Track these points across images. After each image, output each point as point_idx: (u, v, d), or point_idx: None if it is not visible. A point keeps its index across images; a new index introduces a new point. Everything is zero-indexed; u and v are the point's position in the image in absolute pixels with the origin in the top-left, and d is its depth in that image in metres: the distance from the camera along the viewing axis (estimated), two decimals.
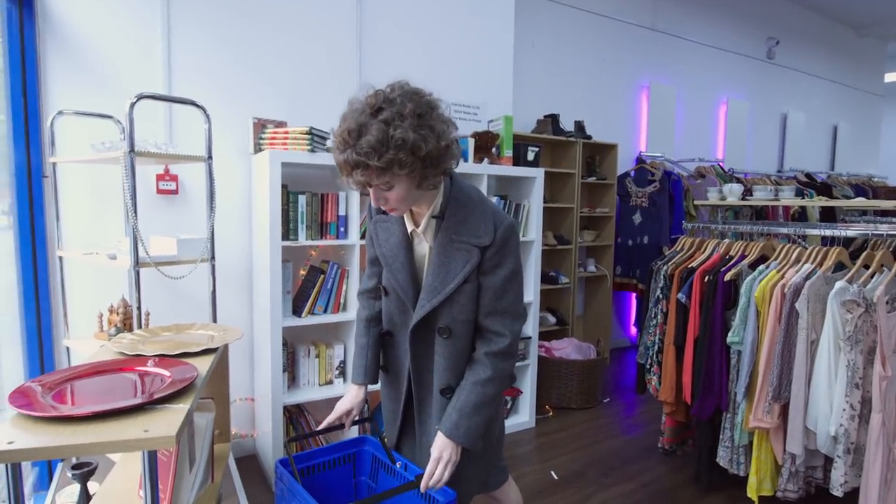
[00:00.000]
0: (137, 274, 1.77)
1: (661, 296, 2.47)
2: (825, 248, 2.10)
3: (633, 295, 4.73)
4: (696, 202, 3.78)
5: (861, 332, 1.82)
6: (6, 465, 0.84)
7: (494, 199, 2.88)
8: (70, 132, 2.23)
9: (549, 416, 3.24)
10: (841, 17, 6.64)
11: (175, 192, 2.45)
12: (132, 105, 1.74)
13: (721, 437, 2.24)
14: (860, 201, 2.65)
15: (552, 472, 2.56)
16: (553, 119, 3.93)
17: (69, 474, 1.78)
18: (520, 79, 3.92)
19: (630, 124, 4.77)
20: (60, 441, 0.85)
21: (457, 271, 1.23)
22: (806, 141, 6.48)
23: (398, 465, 1.42)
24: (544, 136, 3.83)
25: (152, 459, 0.89)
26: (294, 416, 2.51)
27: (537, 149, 3.07)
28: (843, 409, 1.84)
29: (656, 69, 4.87)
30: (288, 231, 2.37)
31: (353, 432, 2.51)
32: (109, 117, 2.21)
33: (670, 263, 2.48)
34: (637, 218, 4.26)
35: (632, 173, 4.36)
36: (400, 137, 1.06)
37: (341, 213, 2.46)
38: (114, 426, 0.90)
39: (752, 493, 2.13)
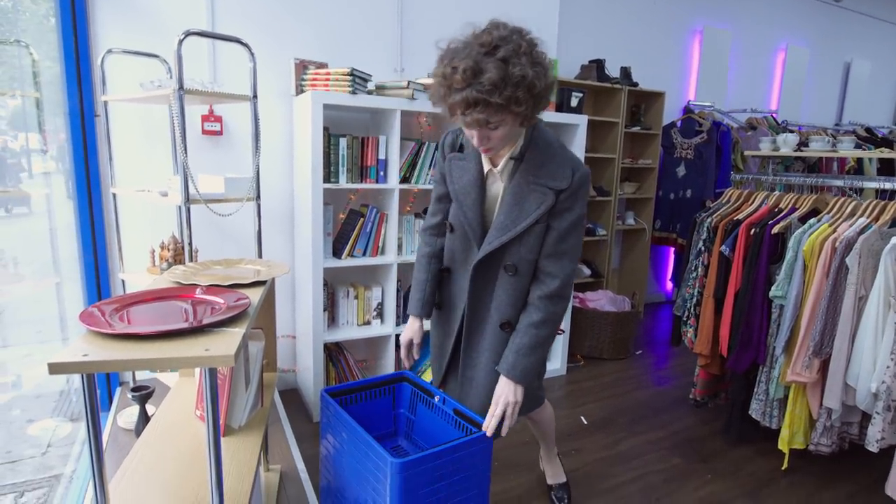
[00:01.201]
0: (188, 210, 1.83)
1: (703, 248, 2.42)
2: (882, 202, 2.01)
3: (672, 250, 4.65)
4: (746, 153, 3.62)
5: None
6: (82, 376, 0.92)
7: None
8: (119, 72, 2.27)
9: (580, 366, 3.28)
10: None
11: (219, 132, 2.49)
12: (180, 42, 1.75)
13: (755, 390, 2.24)
14: None
15: (582, 418, 2.61)
16: (598, 64, 3.78)
17: (129, 395, 1.92)
18: (565, 22, 3.75)
19: (679, 72, 4.55)
20: (129, 356, 0.91)
21: (530, 211, 1.28)
22: (869, 92, 6.07)
23: (437, 399, 1.48)
24: (588, 83, 3.69)
25: (213, 377, 0.95)
26: (334, 353, 2.61)
27: (581, 94, 2.97)
28: (888, 367, 1.80)
29: (711, 12, 4.58)
30: (329, 174, 2.39)
31: (389, 365, 2.60)
32: (156, 56, 2.24)
33: (715, 215, 2.41)
34: (681, 170, 4.13)
35: (678, 123, 4.20)
36: (519, 74, 1.10)
37: (381, 157, 2.47)
38: (177, 345, 0.96)
39: (783, 445, 2.14)
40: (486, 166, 1.34)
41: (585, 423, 2.57)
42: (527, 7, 3.17)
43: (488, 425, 1.30)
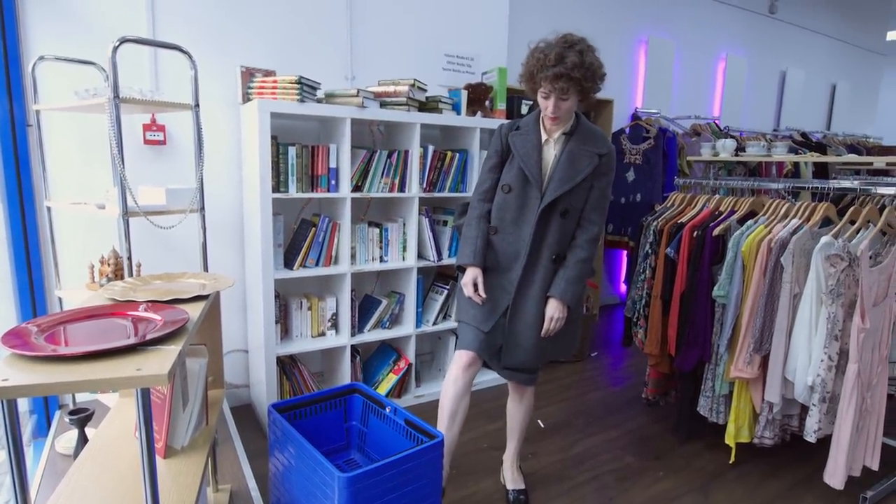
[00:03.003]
0: (126, 223, 1.76)
1: (650, 251, 2.50)
2: (813, 204, 2.12)
3: (625, 252, 4.77)
4: (689, 158, 3.77)
5: (843, 286, 1.86)
6: (2, 403, 0.86)
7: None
8: (54, 80, 2.17)
9: None
10: None
11: (163, 142, 2.41)
12: (115, 49, 1.69)
13: (702, 387, 2.31)
14: (851, 157, 2.65)
15: (539, 422, 2.64)
16: None
17: (67, 420, 1.82)
18: (516, 31, 3.81)
19: (627, 80, 4.69)
20: (54, 378, 0.86)
21: (582, 168, 1.70)
22: (803, 99, 6.41)
23: (388, 410, 1.47)
24: None
25: (146, 397, 0.92)
26: (287, 366, 2.56)
27: (531, 102, 3.02)
28: (822, 360, 1.90)
29: (656, 23, 4.75)
30: (278, 183, 2.35)
31: (345, 377, 2.57)
32: (92, 63, 2.15)
33: (660, 219, 2.49)
34: (630, 175, 4.25)
35: (627, 130, 4.33)
36: (590, 62, 1.60)
37: (332, 165, 2.44)
38: (107, 365, 0.92)
39: (729, 440, 2.22)
40: (544, 137, 1.74)
41: (542, 426, 2.60)
42: (477, 16, 3.21)
43: (547, 331, 1.75)
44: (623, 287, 4.97)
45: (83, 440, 1.83)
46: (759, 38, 5.74)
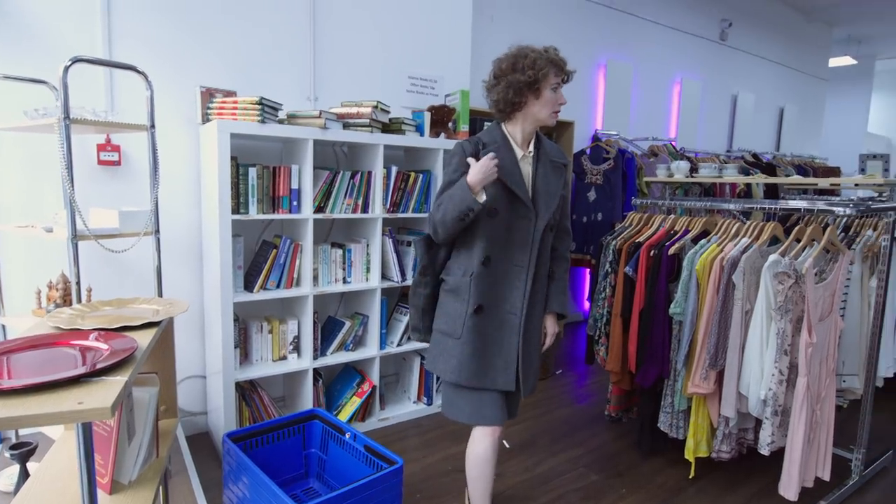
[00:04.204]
0: (76, 247, 1.71)
1: (609, 270, 2.55)
2: (762, 223, 2.20)
3: (587, 271, 4.85)
4: (646, 179, 3.89)
5: (791, 302, 1.93)
6: None
7: None
8: (3, 99, 2.10)
9: None
10: (790, 1, 6.84)
11: (117, 163, 2.35)
12: (66, 69, 1.65)
13: (662, 403, 2.36)
14: (796, 179, 2.78)
15: (504, 442, 2.63)
16: None
17: (7, 454, 1.73)
18: (479, 53, 3.89)
19: (587, 102, 4.82)
20: None
21: (559, 180, 1.69)
22: (754, 122, 6.70)
23: (347, 436, 1.45)
24: None
25: (87, 432, 0.88)
26: (247, 392, 2.49)
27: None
28: (773, 375, 1.96)
29: (614, 47, 4.92)
30: (238, 205, 2.32)
31: (307, 401, 2.51)
32: (44, 83, 2.09)
33: (619, 238, 2.55)
34: (592, 195, 4.34)
35: (587, 151, 4.43)
36: None
37: (294, 186, 2.42)
38: (48, 399, 0.88)
39: (689, 454, 2.26)
40: (519, 153, 1.65)
41: (508, 446, 2.60)
42: (440, 39, 3.26)
43: (547, 346, 1.81)
44: (586, 304, 5.04)
45: (24, 475, 1.74)
46: (711, 63, 5.99)
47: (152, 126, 1.92)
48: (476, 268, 1.61)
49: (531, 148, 1.68)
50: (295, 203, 2.44)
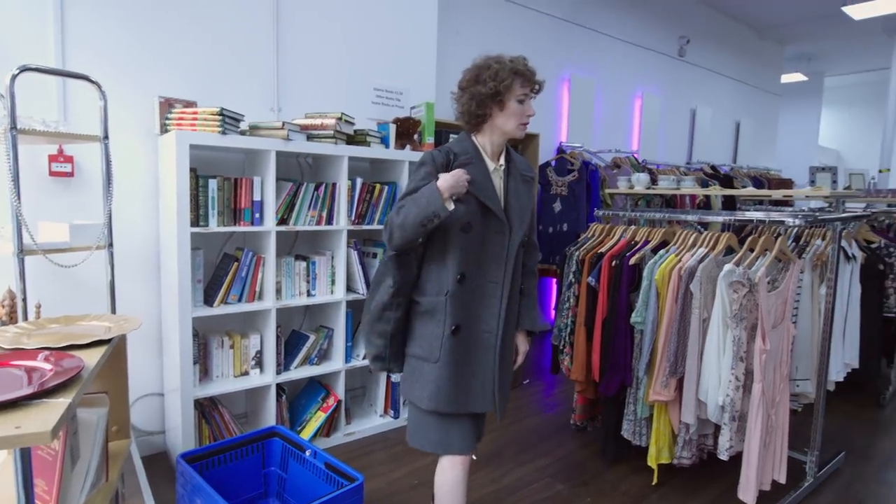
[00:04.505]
0: (22, 262, 1.64)
1: (573, 280, 2.58)
2: (717, 234, 2.27)
3: (554, 281, 4.91)
4: (607, 191, 3.97)
5: (745, 311, 1.99)
6: None
7: None
8: None
9: None
10: (744, 19, 7.13)
11: (70, 174, 2.27)
12: (13, 77, 1.60)
13: (625, 411, 2.39)
14: (751, 191, 2.88)
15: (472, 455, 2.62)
16: None
17: None
18: (444, 66, 3.92)
19: (552, 115, 4.91)
20: None
21: (529, 194, 1.64)
22: (712, 135, 6.93)
23: (308, 453, 1.42)
24: None
25: (25, 458, 0.84)
26: (207, 409, 2.42)
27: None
28: (730, 381, 2.01)
29: (577, 62, 5.03)
30: (198, 217, 2.27)
31: (270, 417, 2.46)
32: None
33: (582, 249, 2.59)
34: (557, 206, 4.41)
35: (552, 163, 4.51)
36: None
37: (256, 198, 2.39)
38: None
39: (651, 461, 2.29)
40: (491, 165, 1.59)
41: (475, 458, 2.59)
42: (406, 52, 3.27)
43: (518, 364, 1.75)
44: (553, 314, 5.09)
45: None
46: (671, 78, 6.18)
47: (106, 137, 1.87)
48: (451, 286, 1.52)
49: (502, 161, 1.62)
50: (257, 215, 2.40)
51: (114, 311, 2.00)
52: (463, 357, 1.55)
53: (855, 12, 5.82)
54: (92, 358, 1.15)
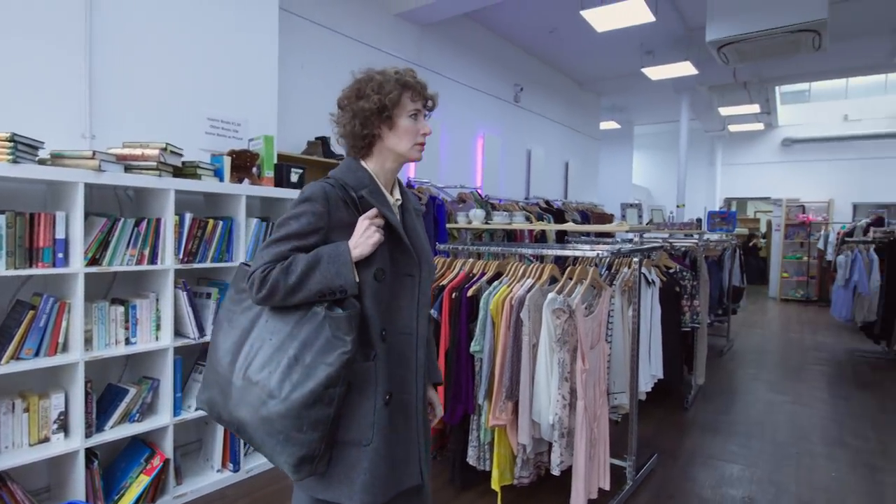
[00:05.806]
0: None
1: None
2: (542, 265, 2.49)
3: None
4: (448, 225, 4.17)
5: (567, 334, 2.19)
6: None
7: (255, 222, 2.76)
8: None
9: None
10: (568, 72, 8.08)
11: None
12: None
13: (470, 438, 2.47)
14: (570, 226, 3.22)
15: None
16: (323, 141, 3.96)
17: None
18: (289, 99, 3.86)
19: None
20: None
21: (425, 232, 1.48)
22: (545, 173, 7.66)
23: None
24: (314, 158, 3.82)
25: None
26: None
27: (301, 170, 3.04)
28: (557, 400, 2.19)
29: None
30: None
31: (79, 489, 2.12)
32: None
33: None
34: None
35: None
36: None
37: (59, 236, 2.10)
38: None
39: (495, 484, 2.39)
40: (390, 199, 1.39)
41: None
42: (244, 81, 3.16)
43: (435, 421, 1.58)
44: None
45: None
46: (508, 121, 6.75)
47: None
48: (377, 346, 1.28)
49: (398, 194, 1.42)
50: (60, 255, 2.10)
51: None
52: (391, 430, 1.29)
53: (652, 73, 6.90)
54: None
